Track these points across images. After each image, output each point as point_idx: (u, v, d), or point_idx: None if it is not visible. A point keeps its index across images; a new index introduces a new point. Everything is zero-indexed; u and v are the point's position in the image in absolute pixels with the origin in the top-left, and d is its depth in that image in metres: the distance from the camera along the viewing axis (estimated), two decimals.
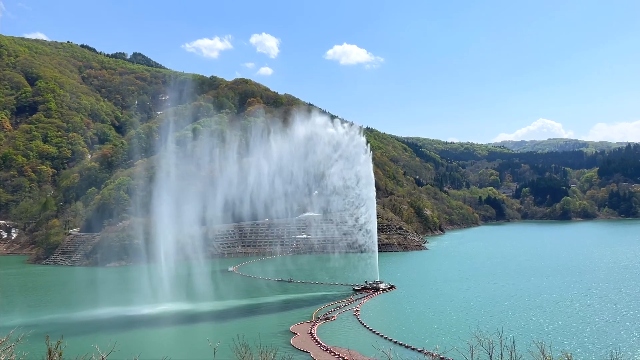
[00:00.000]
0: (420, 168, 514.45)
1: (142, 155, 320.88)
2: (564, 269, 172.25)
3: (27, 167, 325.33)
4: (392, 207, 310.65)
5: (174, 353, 79.27)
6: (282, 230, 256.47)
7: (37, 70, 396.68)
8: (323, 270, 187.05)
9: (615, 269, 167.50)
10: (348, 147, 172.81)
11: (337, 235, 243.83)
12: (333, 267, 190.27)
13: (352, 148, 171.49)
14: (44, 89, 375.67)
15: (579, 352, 79.18)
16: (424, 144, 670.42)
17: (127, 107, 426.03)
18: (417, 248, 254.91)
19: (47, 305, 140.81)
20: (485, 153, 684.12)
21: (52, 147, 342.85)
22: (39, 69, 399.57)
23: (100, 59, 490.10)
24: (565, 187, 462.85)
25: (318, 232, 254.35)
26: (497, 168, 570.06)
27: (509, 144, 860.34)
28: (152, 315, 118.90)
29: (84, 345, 25.69)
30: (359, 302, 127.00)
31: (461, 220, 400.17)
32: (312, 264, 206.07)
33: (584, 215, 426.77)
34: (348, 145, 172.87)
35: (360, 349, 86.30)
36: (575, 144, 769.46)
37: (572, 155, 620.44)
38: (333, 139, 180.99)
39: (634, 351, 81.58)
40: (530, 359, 25.47)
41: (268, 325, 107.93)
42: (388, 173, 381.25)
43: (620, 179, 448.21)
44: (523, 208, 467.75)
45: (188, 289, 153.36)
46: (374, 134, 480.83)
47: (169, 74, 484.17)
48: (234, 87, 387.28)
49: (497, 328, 32.74)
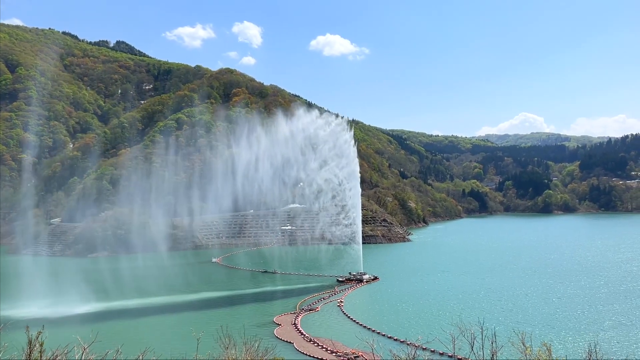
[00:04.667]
0: (405, 161, 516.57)
1: (125, 144, 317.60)
2: (543, 262, 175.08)
3: (7, 156, 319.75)
4: (376, 199, 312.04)
5: (157, 344, 78.95)
6: (267, 221, 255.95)
7: (17, 57, 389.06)
8: (307, 262, 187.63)
9: (591, 263, 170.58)
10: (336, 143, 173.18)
11: (322, 227, 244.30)
12: (317, 259, 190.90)
13: (342, 143, 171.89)
14: (24, 76, 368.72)
15: (557, 342, 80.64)
16: (409, 136, 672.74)
17: (110, 96, 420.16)
18: (401, 240, 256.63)
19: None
20: (469, 146, 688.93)
21: (33, 135, 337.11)
22: (19, 56, 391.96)
23: (82, 46, 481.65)
24: (547, 181, 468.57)
25: (303, 223, 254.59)
26: (480, 161, 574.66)
27: (493, 138, 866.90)
28: (126, 308, 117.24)
29: (66, 336, 25.45)
30: (342, 294, 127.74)
31: (445, 213, 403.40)
32: (296, 255, 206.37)
33: (565, 209, 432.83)
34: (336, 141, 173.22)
35: (344, 339, 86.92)
36: (557, 138, 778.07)
37: (554, 149, 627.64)
38: (319, 133, 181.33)
39: (610, 344, 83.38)
40: (511, 350, 25.86)
41: (252, 316, 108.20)
42: (373, 165, 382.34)
43: (601, 173, 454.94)
44: (506, 201, 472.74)
45: (170, 280, 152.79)
46: (359, 126, 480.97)
47: (153, 62, 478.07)
48: (219, 77, 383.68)
49: (479, 319, 33.15)
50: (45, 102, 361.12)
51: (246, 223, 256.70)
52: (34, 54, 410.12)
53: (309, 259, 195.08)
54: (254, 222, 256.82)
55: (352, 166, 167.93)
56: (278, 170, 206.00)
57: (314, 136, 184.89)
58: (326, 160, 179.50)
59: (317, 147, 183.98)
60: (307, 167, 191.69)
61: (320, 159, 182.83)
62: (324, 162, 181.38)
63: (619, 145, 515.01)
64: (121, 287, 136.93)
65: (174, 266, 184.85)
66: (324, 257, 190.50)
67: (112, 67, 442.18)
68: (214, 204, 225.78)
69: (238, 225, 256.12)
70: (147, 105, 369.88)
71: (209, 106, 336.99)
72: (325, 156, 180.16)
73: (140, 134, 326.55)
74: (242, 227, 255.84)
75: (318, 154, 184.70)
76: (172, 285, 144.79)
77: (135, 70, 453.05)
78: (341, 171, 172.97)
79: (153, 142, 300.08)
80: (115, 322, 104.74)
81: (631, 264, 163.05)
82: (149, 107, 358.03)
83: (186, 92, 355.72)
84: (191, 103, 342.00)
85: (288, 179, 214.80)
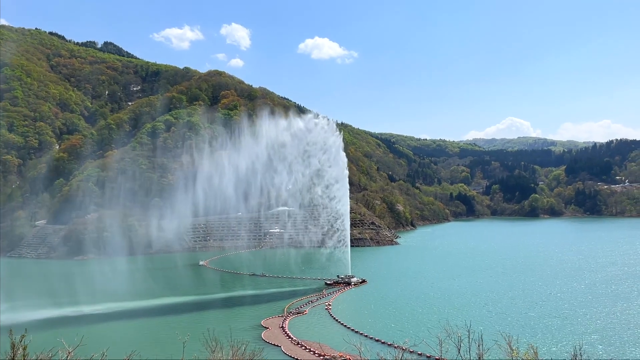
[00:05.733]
0: (394, 164, 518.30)
1: (112, 146, 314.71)
2: (528, 265, 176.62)
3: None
4: (365, 203, 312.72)
5: (143, 347, 78.24)
6: (255, 224, 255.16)
7: (2, 57, 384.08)
8: (296, 265, 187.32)
9: (576, 267, 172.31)
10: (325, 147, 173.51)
11: (310, 230, 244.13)
12: (306, 262, 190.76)
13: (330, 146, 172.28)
14: (10, 76, 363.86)
15: (543, 344, 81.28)
16: (398, 140, 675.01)
17: (98, 97, 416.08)
18: (389, 243, 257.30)
19: None
20: (457, 150, 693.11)
21: (18, 136, 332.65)
22: (5, 56, 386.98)
23: (69, 47, 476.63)
24: (533, 185, 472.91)
25: (292, 226, 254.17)
26: (468, 165, 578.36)
27: (480, 142, 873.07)
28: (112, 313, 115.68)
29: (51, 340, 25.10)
30: (330, 297, 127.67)
31: (432, 216, 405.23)
32: (285, 258, 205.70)
33: (551, 213, 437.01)
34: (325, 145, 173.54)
35: (331, 343, 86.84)
36: (544, 143, 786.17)
37: (540, 153, 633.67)
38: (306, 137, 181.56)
39: (595, 346, 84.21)
40: (498, 352, 26.02)
41: (239, 320, 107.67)
42: (362, 168, 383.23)
43: (586, 178, 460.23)
44: (493, 205, 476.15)
45: (155, 282, 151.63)
46: (348, 129, 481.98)
47: (141, 64, 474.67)
48: (208, 79, 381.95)
49: (465, 322, 33.30)
50: (31, 102, 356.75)
51: (234, 225, 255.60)
52: (20, 54, 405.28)
53: (297, 261, 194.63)
54: (243, 224, 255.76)
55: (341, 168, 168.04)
56: (267, 173, 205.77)
57: (303, 139, 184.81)
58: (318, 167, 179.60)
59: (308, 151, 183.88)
60: (295, 170, 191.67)
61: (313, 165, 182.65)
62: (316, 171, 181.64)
63: (604, 150, 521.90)
64: (106, 290, 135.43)
65: (160, 269, 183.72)
66: (312, 260, 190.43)
67: (99, 68, 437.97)
68: (202, 206, 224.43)
69: (226, 228, 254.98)
70: (135, 106, 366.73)
71: (197, 108, 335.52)
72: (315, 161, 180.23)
73: (127, 135, 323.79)
74: (230, 230, 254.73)
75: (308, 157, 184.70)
76: (158, 288, 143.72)
77: (123, 71, 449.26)
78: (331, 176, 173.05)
79: (140, 143, 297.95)
80: (101, 325, 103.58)
81: (615, 267, 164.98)
82: (137, 109, 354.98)
83: (174, 94, 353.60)
84: (179, 105, 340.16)
85: (278, 181, 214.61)
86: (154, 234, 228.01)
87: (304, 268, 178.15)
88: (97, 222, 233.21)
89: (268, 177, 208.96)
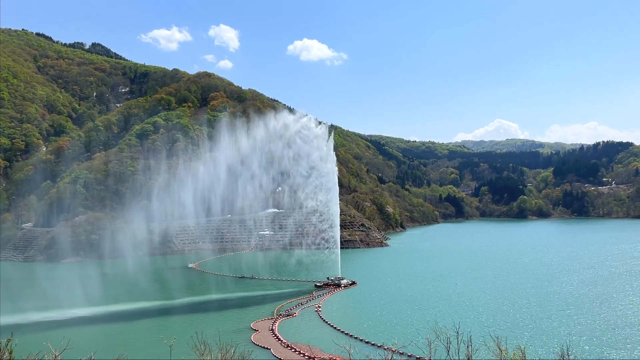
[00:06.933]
0: (383, 166, 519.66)
1: (100, 148, 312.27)
2: (516, 267, 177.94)
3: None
4: (355, 204, 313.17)
5: (131, 350, 77.66)
6: (245, 226, 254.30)
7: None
8: (285, 267, 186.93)
9: (563, 267, 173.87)
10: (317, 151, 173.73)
11: (300, 232, 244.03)
12: (295, 264, 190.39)
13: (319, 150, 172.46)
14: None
15: (531, 345, 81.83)
16: (387, 142, 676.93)
17: (85, 99, 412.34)
18: (378, 245, 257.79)
19: None
20: (446, 152, 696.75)
21: (5, 138, 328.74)
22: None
23: (57, 48, 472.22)
24: (522, 187, 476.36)
25: (281, 228, 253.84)
26: (457, 167, 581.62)
27: (469, 144, 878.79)
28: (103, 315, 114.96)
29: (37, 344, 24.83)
30: (320, 299, 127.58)
31: (422, 218, 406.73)
32: (274, 260, 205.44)
33: (539, 214, 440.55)
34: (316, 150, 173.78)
35: (321, 345, 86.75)
36: (532, 145, 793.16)
37: (529, 155, 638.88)
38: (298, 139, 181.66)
39: (582, 346, 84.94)
40: (486, 353, 26.17)
41: (228, 322, 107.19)
42: (351, 170, 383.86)
43: (574, 179, 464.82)
44: (481, 206, 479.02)
45: (144, 285, 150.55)
46: (338, 131, 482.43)
47: (129, 65, 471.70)
48: (197, 81, 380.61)
49: (454, 323, 33.45)
50: (18, 104, 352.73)
51: (223, 228, 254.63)
52: (6, 55, 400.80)
53: (287, 264, 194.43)
54: (231, 227, 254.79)
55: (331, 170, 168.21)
56: (257, 174, 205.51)
57: (293, 141, 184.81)
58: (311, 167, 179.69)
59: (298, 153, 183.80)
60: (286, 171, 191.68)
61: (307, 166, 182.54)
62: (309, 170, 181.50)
63: (591, 152, 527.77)
64: (93, 293, 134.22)
65: (149, 272, 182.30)
66: (302, 262, 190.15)
67: (87, 69, 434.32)
68: (191, 209, 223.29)
69: (215, 230, 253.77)
70: (123, 108, 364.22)
71: (186, 110, 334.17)
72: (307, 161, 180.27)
73: (116, 137, 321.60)
74: (219, 232, 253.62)
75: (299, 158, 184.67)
76: (146, 291, 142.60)
77: (111, 72, 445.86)
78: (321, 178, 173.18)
79: (129, 145, 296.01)
80: (89, 329, 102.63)
81: (601, 268, 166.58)
82: (125, 110, 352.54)
83: (163, 96, 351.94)
84: (168, 106, 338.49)
85: (267, 183, 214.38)
86: (143, 237, 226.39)
87: (293, 270, 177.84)
88: (85, 225, 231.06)
89: (257, 179, 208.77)
